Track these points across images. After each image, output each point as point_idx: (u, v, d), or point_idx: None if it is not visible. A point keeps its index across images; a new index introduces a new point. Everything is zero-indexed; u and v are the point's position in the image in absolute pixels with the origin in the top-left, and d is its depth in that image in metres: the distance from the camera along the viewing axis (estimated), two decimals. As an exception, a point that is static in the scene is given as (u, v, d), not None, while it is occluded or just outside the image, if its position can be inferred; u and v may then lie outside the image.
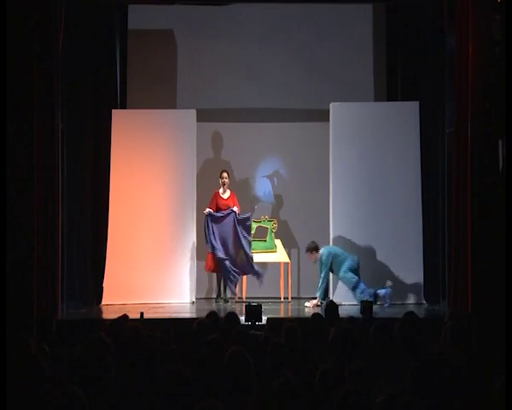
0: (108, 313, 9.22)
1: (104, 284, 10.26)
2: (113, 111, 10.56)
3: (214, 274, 10.87)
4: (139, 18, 11.25)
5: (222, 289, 10.66)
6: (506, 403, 3.39)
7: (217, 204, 10.65)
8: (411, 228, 10.36)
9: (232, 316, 6.00)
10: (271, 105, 11.31)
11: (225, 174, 10.76)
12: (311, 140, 11.32)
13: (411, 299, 10.36)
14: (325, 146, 10.66)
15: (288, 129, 11.44)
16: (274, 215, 11.28)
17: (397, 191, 10.35)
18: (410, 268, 10.38)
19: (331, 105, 10.49)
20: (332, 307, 6.69)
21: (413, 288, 10.48)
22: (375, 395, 3.30)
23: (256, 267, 10.41)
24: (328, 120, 10.53)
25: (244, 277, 10.57)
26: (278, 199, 11.55)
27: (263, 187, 11.46)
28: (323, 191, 10.78)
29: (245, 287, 10.60)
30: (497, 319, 6.94)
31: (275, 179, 11.52)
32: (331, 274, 10.18)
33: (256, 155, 11.38)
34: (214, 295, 10.93)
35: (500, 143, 8.36)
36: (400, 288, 10.60)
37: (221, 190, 10.71)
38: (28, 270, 8.35)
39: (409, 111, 10.47)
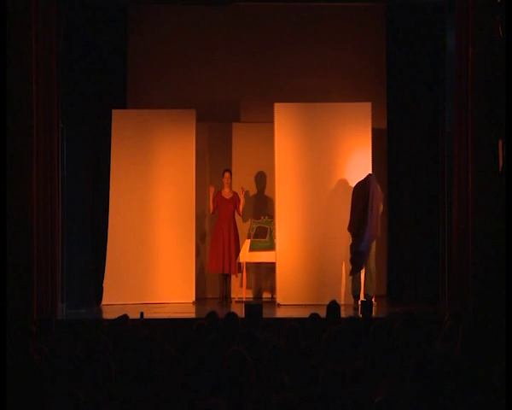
0: (108, 313, 9.22)
1: (104, 284, 10.26)
2: (113, 111, 10.55)
3: (214, 274, 10.87)
4: (139, 18, 11.25)
5: (225, 289, 10.66)
6: (506, 403, 3.40)
7: (219, 204, 10.67)
8: None
9: (232, 316, 6.00)
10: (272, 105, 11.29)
11: (227, 174, 10.76)
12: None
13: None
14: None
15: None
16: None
17: (348, 191, 10.22)
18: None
19: (275, 105, 10.45)
20: (334, 308, 6.68)
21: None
22: (375, 395, 3.30)
23: None
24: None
25: (244, 277, 10.59)
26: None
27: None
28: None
29: (245, 287, 10.60)
30: (497, 319, 6.93)
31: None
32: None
33: (256, 154, 11.36)
34: (214, 296, 10.92)
35: (500, 143, 8.36)
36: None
37: (223, 190, 10.72)
38: (28, 270, 8.35)
39: (360, 112, 10.34)
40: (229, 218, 10.67)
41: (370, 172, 10.04)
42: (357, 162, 10.25)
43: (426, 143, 10.57)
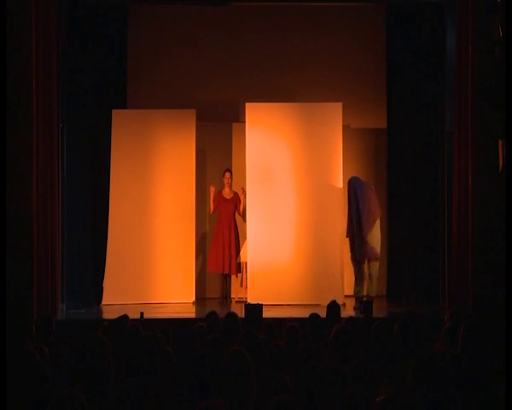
0: (108, 313, 9.22)
1: (104, 284, 10.26)
2: (113, 111, 10.56)
3: (214, 274, 10.86)
4: (139, 18, 11.25)
5: (225, 289, 10.65)
6: (506, 403, 3.40)
7: (219, 204, 10.66)
8: None
9: (232, 316, 6.00)
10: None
11: (228, 174, 10.76)
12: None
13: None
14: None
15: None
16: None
17: (321, 192, 10.24)
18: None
19: (246, 105, 10.46)
20: (334, 308, 6.69)
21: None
22: (375, 395, 3.30)
23: None
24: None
25: (244, 277, 10.58)
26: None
27: None
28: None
29: (245, 287, 10.59)
30: (497, 319, 6.94)
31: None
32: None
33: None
34: (214, 296, 10.91)
35: (500, 143, 8.36)
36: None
37: (224, 190, 10.72)
38: (28, 270, 8.35)
39: (332, 112, 10.34)
40: (230, 218, 10.67)
41: (341, 171, 10.16)
42: (328, 162, 10.27)
43: (426, 143, 10.56)
